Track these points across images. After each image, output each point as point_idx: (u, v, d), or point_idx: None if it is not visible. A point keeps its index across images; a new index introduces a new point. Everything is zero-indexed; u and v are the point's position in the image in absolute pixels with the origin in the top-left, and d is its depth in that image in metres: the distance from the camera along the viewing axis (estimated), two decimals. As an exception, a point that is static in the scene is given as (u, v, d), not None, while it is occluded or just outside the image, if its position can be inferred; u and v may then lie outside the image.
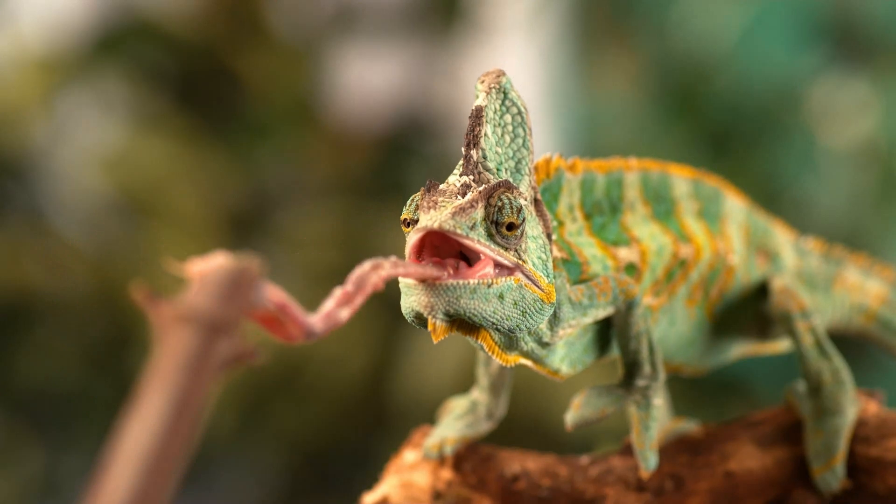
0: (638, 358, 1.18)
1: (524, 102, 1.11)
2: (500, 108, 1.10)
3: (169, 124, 2.89)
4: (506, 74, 1.10)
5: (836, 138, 2.92)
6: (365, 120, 3.03)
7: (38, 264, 2.84)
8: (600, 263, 1.18)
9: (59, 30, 2.92)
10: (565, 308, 1.13)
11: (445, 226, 1.02)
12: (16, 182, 2.90)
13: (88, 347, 2.81)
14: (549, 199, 1.17)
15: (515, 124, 1.10)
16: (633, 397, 1.17)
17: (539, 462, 1.22)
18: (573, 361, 1.18)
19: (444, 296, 1.03)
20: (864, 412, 1.22)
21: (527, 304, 1.06)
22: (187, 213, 2.85)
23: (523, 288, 1.05)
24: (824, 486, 1.20)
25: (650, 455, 1.17)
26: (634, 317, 1.16)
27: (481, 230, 1.03)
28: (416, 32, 3.05)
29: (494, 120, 1.09)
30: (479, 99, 1.09)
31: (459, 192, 1.05)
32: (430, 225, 1.02)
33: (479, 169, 1.07)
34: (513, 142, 1.10)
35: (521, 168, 1.09)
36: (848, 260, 1.39)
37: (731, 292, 1.27)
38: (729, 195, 1.30)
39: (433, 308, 1.03)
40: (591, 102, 3.15)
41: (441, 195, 1.05)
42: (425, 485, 1.24)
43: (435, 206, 1.04)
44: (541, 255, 1.08)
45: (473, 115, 1.08)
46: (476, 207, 1.03)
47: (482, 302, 1.03)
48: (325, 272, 2.89)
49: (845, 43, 2.92)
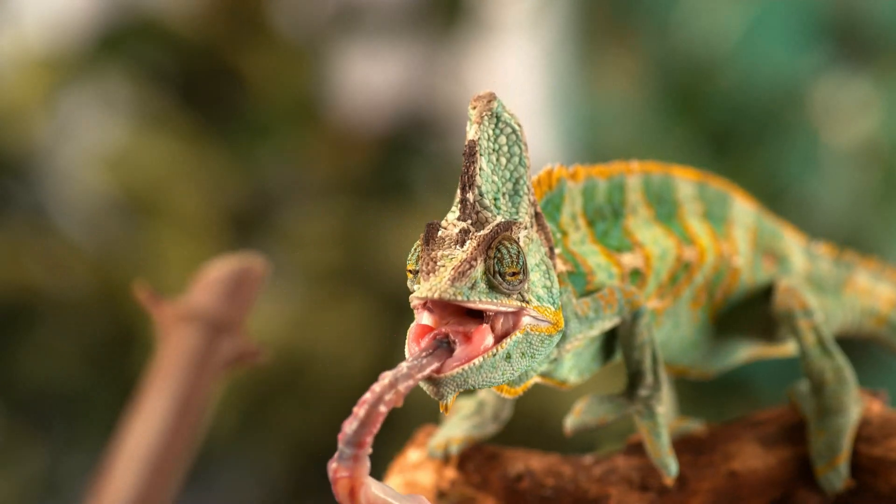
0: (641, 368, 1.18)
1: (518, 119, 1.10)
2: (494, 133, 1.09)
3: (171, 123, 2.89)
4: (496, 97, 1.09)
5: (839, 138, 2.91)
6: (367, 119, 3.03)
7: (40, 263, 2.84)
8: (605, 272, 1.17)
9: (62, 29, 2.92)
10: (572, 324, 1.13)
11: (445, 295, 1.02)
12: (17, 181, 2.90)
13: (90, 347, 2.81)
14: (551, 210, 1.17)
15: (511, 143, 1.09)
16: (636, 407, 1.18)
17: (543, 461, 1.22)
18: (581, 370, 1.18)
19: (452, 383, 1.03)
20: (868, 412, 1.22)
21: (535, 349, 1.06)
22: (189, 213, 2.85)
23: (529, 334, 1.05)
24: (827, 486, 1.20)
25: (669, 461, 1.17)
26: (639, 327, 1.16)
27: (482, 285, 1.03)
28: (418, 31, 3.05)
29: (489, 148, 1.08)
30: (471, 131, 1.08)
31: (458, 240, 1.05)
32: (430, 295, 1.02)
33: (478, 208, 1.06)
34: (509, 162, 1.09)
35: (519, 188, 1.09)
36: (859, 264, 1.38)
37: (736, 295, 1.27)
38: (737, 198, 1.30)
39: (443, 396, 1.03)
40: (592, 102, 3.15)
41: (440, 247, 1.05)
42: (429, 484, 1.24)
43: (434, 268, 1.03)
44: (545, 282, 1.08)
45: (467, 153, 1.07)
46: (475, 266, 1.03)
47: (490, 372, 1.04)
48: (327, 272, 2.89)
49: (847, 42, 2.92)
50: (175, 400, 1.43)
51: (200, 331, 1.46)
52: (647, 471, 1.20)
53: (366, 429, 0.98)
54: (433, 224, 1.06)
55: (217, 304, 1.48)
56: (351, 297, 2.83)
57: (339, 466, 0.98)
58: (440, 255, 1.04)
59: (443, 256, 1.04)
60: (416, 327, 1.05)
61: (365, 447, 0.98)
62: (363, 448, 0.98)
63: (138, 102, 2.92)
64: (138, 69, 2.91)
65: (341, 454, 0.98)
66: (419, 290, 1.03)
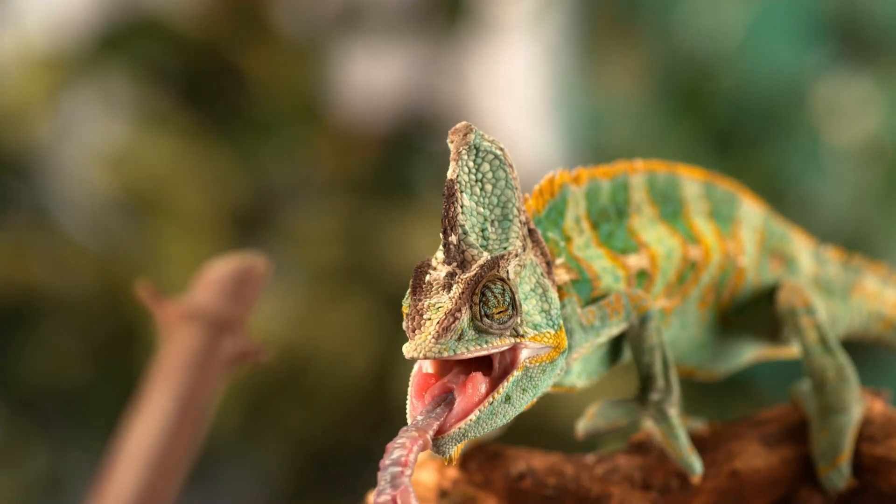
0: (651, 371, 1.18)
1: (499, 144, 1.07)
2: (474, 164, 1.07)
3: (173, 122, 2.89)
4: (473, 129, 1.07)
5: (841, 136, 2.91)
6: (369, 118, 3.03)
7: (43, 262, 2.84)
8: (611, 275, 1.17)
9: (64, 28, 2.92)
10: (577, 335, 1.13)
11: (430, 354, 1.02)
12: (20, 180, 2.90)
13: (93, 345, 2.81)
14: (555, 217, 1.16)
15: (494, 168, 1.07)
16: (648, 412, 1.18)
17: (545, 460, 1.22)
18: (590, 374, 1.18)
19: (452, 442, 1.03)
20: (870, 411, 1.22)
21: (536, 381, 1.06)
22: (192, 211, 2.85)
23: (529, 368, 1.05)
24: (830, 485, 1.20)
25: (692, 460, 1.17)
26: (648, 331, 1.16)
27: (471, 332, 1.03)
28: (421, 30, 3.05)
29: (470, 181, 1.07)
30: (449, 169, 1.07)
31: (444, 284, 1.04)
32: (416, 355, 1.02)
33: (462, 248, 1.06)
34: (495, 187, 1.07)
35: (507, 212, 1.07)
36: (866, 268, 1.38)
37: (743, 295, 1.26)
38: (745, 200, 1.30)
39: (445, 452, 1.03)
40: (595, 101, 3.15)
41: (426, 294, 1.04)
42: (431, 483, 1.24)
43: (420, 323, 1.03)
44: (542, 306, 1.07)
45: (446, 193, 1.06)
46: (459, 317, 1.02)
47: (489, 420, 1.04)
48: (329, 270, 2.89)
49: (850, 41, 2.92)
50: (177, 399, 1.43)
51: (203, 329, 1.46)
52: (649, 470, 1.20)
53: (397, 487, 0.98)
54: (421, 267, 1.05)
55: (219, 302, 1.48)
56: (353, 296, 2.84)
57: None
58: (426, 306, 1.03)
59: (429, 307, 1.03)
60: (419, 377, 1.06)
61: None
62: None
63: (141, 101, 2.92)
64: (141, 68, 2.91)
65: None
66: (406, 350, 1.03)
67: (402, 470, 0.98)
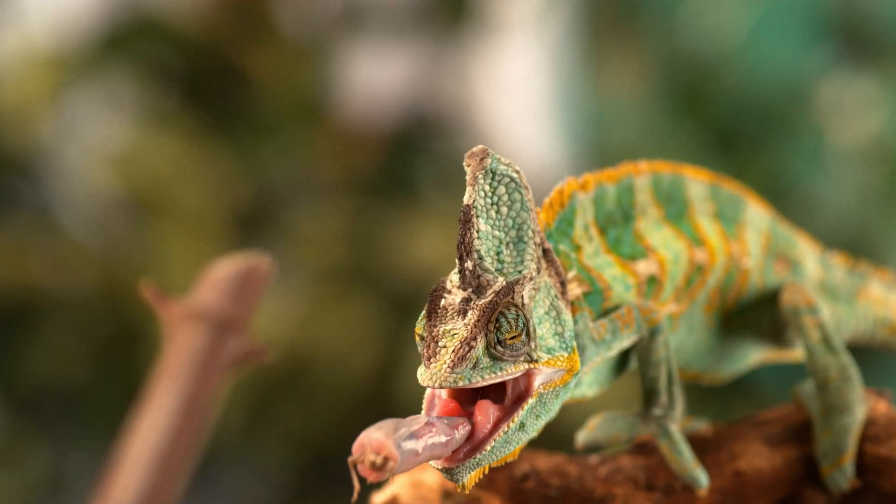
0: (656, 386, 1.18)
1: (515, 167, 1.07)
2: (490, 188, 1.07)
3: (176, 122, 2.89)
4: (489, 153, 1.06)
5: (844, 136, 2.91)
6: (372, 118, 3.03)
7: (45, 262, 2.84)
8: (621, 284, 1.17)
9: (67, 28, 2.93)
10: (589, 350, 1.13)
11: (446, 384, 1.02)
12: (23, 180, 2.90)
13: (96, 346, 2.81)
14: (564, 227, 1.16)
15: (510, 191, 1.07)
16: (650, 427, 1.18)
17: (548, 461, 1.22)
18: (600, 382, 1.18)
19: (468, 470, 1.03)
20: (873, 411, 1.22)
21: (549, 406, 1.07)
22: (194, 211, 2.85)
23: (543, 395, 1.06)
24: (833, 486, 1.20)
25: (698, 473, 1.17)
26: (657, 343, 1.16)
27: (485, 360, 1.03)
28: (424, 30, 3.05)
29: (486, 204, 1.06)
30: (465, 194, 1.06)
31: (460, 310, 1.04)
32: (431, 385, 1.02)
33: (478, 273, 1.05)
34: (510, 210, 1.07)
35: (522, 234, 1.07)
36: (872, 274, 1.38)
37: (747, 297, 1.26)
38: (751, 202, 1.29)
39: (459, 480, 1.04)
40: (597, 101, 3.15)
41: (442, 320, 1.04)
42: (434, 484, 1.24)
43: (435, 351, 1.03)
44: (555, 329, 1.07)
45: (462, 219, 1.06)
46: (474, 346, 1.03)
47: (503, 448, 1.04)
48: (332, 270, 2.89)
49: (853, 41, 2.92)
50: (181, 399, 1.43)
51: (206, 329, 1.46)
52: (652, 470, 1.20)
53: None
54: (436, 291, 1.05)
55: (222, 302, 1.48)
56: (356, 296, 2.84)
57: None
58: (441, 332, 1.04)
59: (444, 333, 1.03)
60: (433, 402, 1.05)
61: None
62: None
63: (143, 101, 2.92)
64: (143, 68, 2.92)
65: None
66: (422, 378, 1.03)
67: (416, 449, 0.99)
